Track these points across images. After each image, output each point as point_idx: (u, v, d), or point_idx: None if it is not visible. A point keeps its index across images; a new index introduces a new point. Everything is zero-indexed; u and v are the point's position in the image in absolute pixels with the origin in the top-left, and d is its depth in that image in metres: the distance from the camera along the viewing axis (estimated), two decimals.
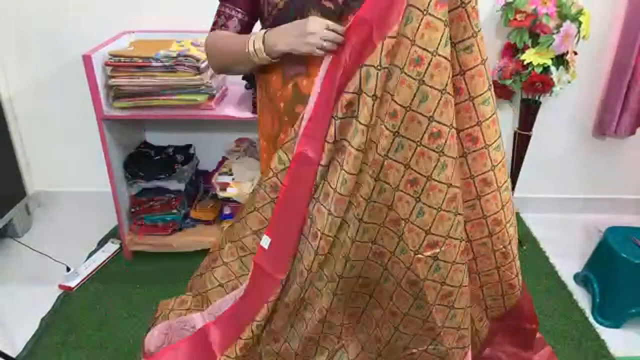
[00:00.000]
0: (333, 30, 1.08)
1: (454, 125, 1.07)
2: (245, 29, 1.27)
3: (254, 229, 1.34)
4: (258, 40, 1.16)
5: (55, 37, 2.26)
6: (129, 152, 2.29)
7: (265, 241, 1.27)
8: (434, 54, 1.00)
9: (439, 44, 1.00)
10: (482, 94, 1.11)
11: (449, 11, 1.02)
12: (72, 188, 2.61)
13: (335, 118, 1.12)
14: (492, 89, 1.13)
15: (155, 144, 2.42)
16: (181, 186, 2.30)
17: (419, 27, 1.00)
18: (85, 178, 2.54)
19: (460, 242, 1.16)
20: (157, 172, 2.24)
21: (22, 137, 2.49)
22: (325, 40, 1.08)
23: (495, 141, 1.17)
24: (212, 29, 1.28)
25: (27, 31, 2.26)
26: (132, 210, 2.25)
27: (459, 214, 1.13)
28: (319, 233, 1.19)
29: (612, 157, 2.53)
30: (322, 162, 1.16)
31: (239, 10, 1.25)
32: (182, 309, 1.47)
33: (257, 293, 1.31)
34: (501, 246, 1.26)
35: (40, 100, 2.40)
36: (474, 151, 1.16)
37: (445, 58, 1.01)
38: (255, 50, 1.16)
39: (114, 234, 2.40)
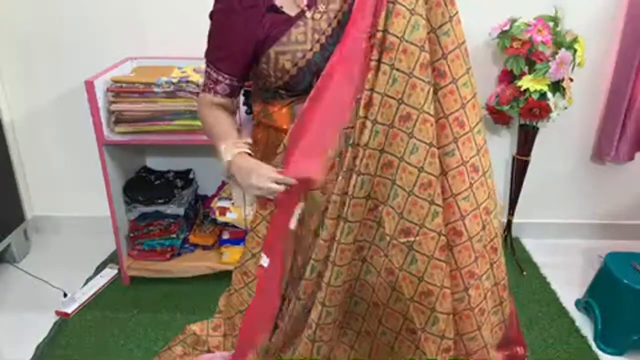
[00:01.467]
0: (282, 183, 1.11)
1: (425, 109, 1.10)
2: (236, 90, 1.26)
3: (253, 252, 1.34)
4: (225, 157, 1.18)
5: (58, 63, 2.29)
6: (129, 176, 2.30)
7: (265, 260, 1.27)
8: (402, 39, 1.07)
9: (405, 30, 1.07)
10: (462, 76, 1.15)
11: None
12: (70, 213, 2.60)
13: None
14: (471, 72, 1.18)
15: (155, 168, 2.43)
16: (180, 211, 2.30)
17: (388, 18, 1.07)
18: (84, 203, 2.54)
19: (439, 236, 1.16)
20: (156, 196, 2.25)
21: (22, 161, 2.50)
22: (270, 191, 1.12)
23: (477, 124, 1.20)
24: (202, 90, 1.26)
25: (30, 57, 2.30)
26: (131, 235, 2.25)
27: (435, 203, 1.14)
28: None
29: (612, 182, 2.54)
30: None
31: (226, 76, 1.22)
32: (218, 335, 1.50)
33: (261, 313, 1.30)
34: (489, 239, 1.27)
35: (41, 125, 2.42)
36: (462, 135, 1.18)
37: (412, 43, 1.07)
38: (222, 160, 1.19)
39: (112, 259, 2.38)
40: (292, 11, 1.16)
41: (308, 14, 1.15)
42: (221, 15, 1.17)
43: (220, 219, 2.18)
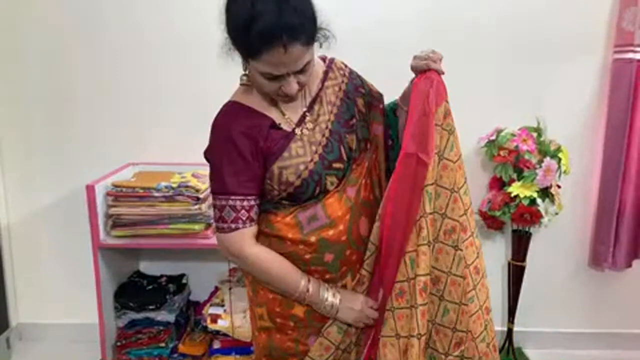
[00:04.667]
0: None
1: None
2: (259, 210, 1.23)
3: None
4: (330, 303, 1.21)
5: (60, 168, 2.36)
6: (121, 281, 2.26)
7: None
8: (441, 157, 1.17)
9: (445, 148, 1.18)
10: (462, 185, 1.22)
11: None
12: (57, 320, 2.51)
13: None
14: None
15: (148, 273, 2.40)
16: (171, 317, 2.23)
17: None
18: (72, 309, 2.47)
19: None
20: (147, 302, 2.19)
21: (14, 266, 2.46)
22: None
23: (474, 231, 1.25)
24: (233, 229, 1.17)
25: (33, 160, 2.36)
26: (118, 343, 2.15)
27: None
28: None
29: (612, 289, 2.49)
30: None
31: (253, 197, 1.18)
32: None
33: None
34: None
35: (38, 228, 2.43)
36: (478, 282, 1.22)
37: (450, 160, 1.17)
38: (326, 303, 1.21)
39: None
40: (288, 127, 1.20)
41: (297, 131, 1.20)
42: (230, 143, 1.15)
43: (212, 326, 2.11)
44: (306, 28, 1.05)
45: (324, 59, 1.28)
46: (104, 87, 2.29)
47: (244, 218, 1.17)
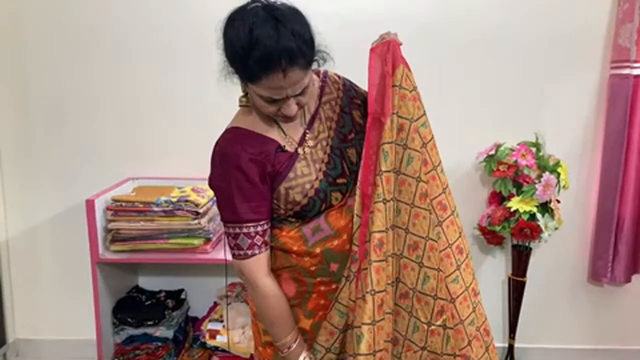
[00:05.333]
0: None
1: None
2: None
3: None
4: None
5: (59, 182, 2.36)
6: (120, 296, 2.24)
7: None
8: (412, 120, 1.17)
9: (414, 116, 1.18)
10: (439, 164, 1.21)
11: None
12: (54, 336, 2.49)
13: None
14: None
15: (147, 288, 2.39)
16: (169, 333, 2.21)
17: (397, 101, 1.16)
18: (70, 325, 2.45)
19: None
20: (146, 318, 2.17)
21: (12, 281, 2.45)
22: None
23: (454, 210, 1.25)
24: (248, 256, 1.18)
25: (32, 175, 2.36)
26: None
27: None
28: None
29: (612, 305, 2.48)
30: None
31: (264, 221, 1.19)
32: None
33: None
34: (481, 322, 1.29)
35: (36, 244, 2.42)
36: (446, 218, 1.20)
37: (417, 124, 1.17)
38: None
39: None
40: (291, 147, 1.21)
41: (300, 150, 1.21)
42: (239, 171, 1.15)
43: (210, 342, 2.10)
44: (304, 52, 1.05)
45: (317, 72, 1.29)
46: (104, 101, 2.30)
47: (259, 243, 1.18)
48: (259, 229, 1.18)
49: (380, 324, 1.16)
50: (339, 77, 1.32)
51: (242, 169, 1.14)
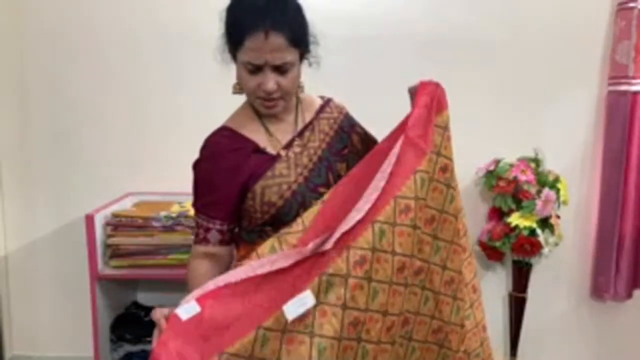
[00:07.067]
0: None
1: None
2: (227, 234, 1.24)
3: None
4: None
5: (59, 197, 2.35)
6: (118, 312, 2.23)
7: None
8: (442, 211, 1.17)
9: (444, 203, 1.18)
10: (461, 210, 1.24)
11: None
12: (52, 352, 2.46)
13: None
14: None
15: (146, 304, 2.37)
16: None
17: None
18: (67, 341, 2.43)
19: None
20: (145, 334, 2.15)
21: (10, 297, 2.44)
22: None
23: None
24: (194, 242, 1.25)
25: (32, 190, 2.36)
26: None
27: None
28: None
29: (614, 321, 2.46)
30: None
31: (217, 221, 1.22)
32: None
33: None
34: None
35: (35, 259, 2.41)
36: (475, 300, 1.28)
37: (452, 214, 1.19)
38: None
39: None
40: (273, 149, 1.23)
41: (282, 152, 1.22)
42: (208, 162, 1.22)
43: None
44: (291, 25, 1.11)
45: (322, 97, 1.34)
46: (105, 116, 2.31)
47: (201, 237, 1.23)
48: (206, 224, 1.22)
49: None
50: (343, 107, 1.36)
51: (213, 162, 1.20)
